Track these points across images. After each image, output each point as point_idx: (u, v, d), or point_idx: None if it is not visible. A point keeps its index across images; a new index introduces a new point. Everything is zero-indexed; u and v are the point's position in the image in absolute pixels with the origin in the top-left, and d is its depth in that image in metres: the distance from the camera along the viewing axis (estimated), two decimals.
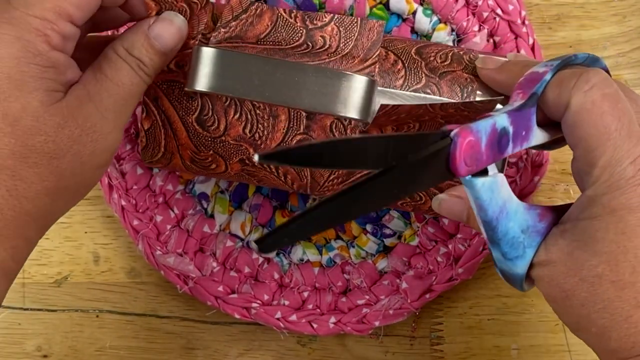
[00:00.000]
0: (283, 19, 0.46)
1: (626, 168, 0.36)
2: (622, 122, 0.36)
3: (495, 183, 0.38)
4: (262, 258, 0.54)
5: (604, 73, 0.37)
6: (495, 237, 0.39)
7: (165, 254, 0.53)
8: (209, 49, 0.41)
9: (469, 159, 0.35)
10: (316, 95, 0.41)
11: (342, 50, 0.46)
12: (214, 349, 0.56)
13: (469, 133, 0.35)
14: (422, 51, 0.47)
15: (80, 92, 0.40)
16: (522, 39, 0.53)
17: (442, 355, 0.56)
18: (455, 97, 0.45)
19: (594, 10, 0.56)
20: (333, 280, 0.54)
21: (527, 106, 0.38)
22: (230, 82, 0.41)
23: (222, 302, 0.53)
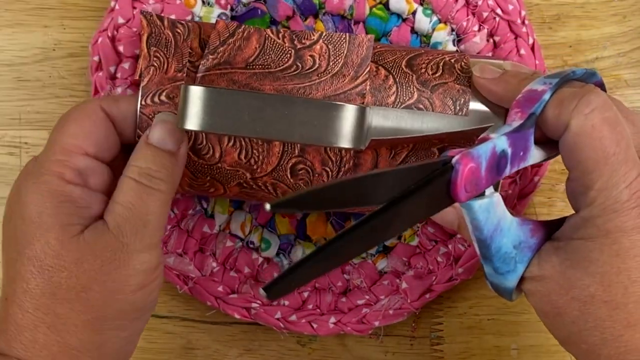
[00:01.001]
0: (271, 41, 0.46)
1: (622, 191, 0.36)
2: (620, 147, 0.36)
3: (491, 204, 0.38)
4: (262, 258, 0.54)
5: (604, 95, 0.37)
6: (488, 253, 0.39)
7: (165, 254, 0.53)
8: (196, 88, 0.40)
9: (469, 185, 0.35)
10: (307, 128, 0.41)
11: (332, 69, 0.45)
12: (214, 349, 0.56)
13: (470, 159, 0.35)
14: (413, 63, 0.46)
15: (98, 224, 0.41)
16: (522, 39, 0.53)
17: (442, 355, 0.56)
18: (448, 111, 0.45)
19: (594, 10, 0.56)
20: (333, 280, 0.54)
21: (526, 127, 0.38)
22: (220, 120, 0.40)
23: (222, 302, 0.53)
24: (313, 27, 0.53)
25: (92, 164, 0.43)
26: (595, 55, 0.56)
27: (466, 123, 0.45)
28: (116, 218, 0.41)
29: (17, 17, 0.55)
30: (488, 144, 0.37)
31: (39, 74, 0.55)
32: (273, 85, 0.45)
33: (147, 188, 0.41)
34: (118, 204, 0.41)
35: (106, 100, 0.45)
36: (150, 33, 0.45)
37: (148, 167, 0.42)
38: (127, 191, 0.41)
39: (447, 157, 0.35)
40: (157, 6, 0.52)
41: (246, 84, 0.45)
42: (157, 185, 0.42)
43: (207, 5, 0.52)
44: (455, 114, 0.45)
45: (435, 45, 0.53)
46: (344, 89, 0.45)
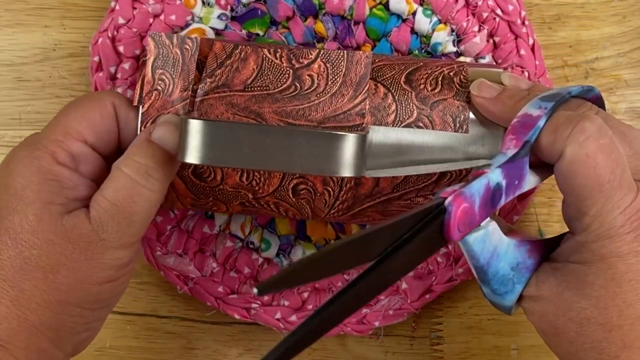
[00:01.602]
0: (268, 61, 0.45)
1: (616, 217, 0.37)
2: (615, 174, 0.36)
3: (486, 234, 0.39)
4: (262, 258, 0.54)
5: (598, 121, 0.37)
6: (485, 278, 0.40)
7: (165, 255, 0.53)
8: (195, 122, 0.40)
9: (462, 225, 0.36)
10: (308, 158, 0.40)
11: (331, 89, 0.45)
12: (214, 349, 0.56)
13: (463, 200, 0.35)
14: (412, 78, 0.46)
15: (81, 212, 0.41)
16: (522, 39, 0.53)
17: (442, 355, 0.56)
18: (448, 128, 0.45)
19: (594, 10, 0.56)
20: (333, 281, 0.54)
21: (520, 155, 0.39)
22: (221, 153, 0.40)
23: (222, 302, 0.53)
24: (313, 28, 0.53)
25: (87, 152, 0.43)
26: (595, 55, 0.56)
27: (466, 139, 0.45)
28: (100, 212, 0.41)
29: (17, 17, 0.55)
30: (482, 179, 0.37)
31: (39, 74, 0.55)
32: (272, 107, 0.45)
33: (140, 186, 0.41)
34: (105, 199, 0.41)
35: (119, 100, 0.45)
36: (158, 55, 0.45)
37: (146, 164, 0.42)
38: (119, 188, 0.41)
39: (439, 199, 0.36)
40: (157, 6, 0.52)
41: (245, 107, 0.45)
42: (152, 184, 0.42)
43: (207, 5, 0.52)
44: (455, 131, 0.45)
45: (435, 45, 0.53)
46: (343, 109, 0.45)
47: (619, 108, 0.56)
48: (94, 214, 0.41)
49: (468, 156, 0.45)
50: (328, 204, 0.47)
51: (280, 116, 0.45)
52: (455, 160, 0.45)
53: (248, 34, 0.53)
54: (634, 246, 0.37)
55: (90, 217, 0.41)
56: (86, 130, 0.43)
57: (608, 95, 0.56)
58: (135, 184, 0.41)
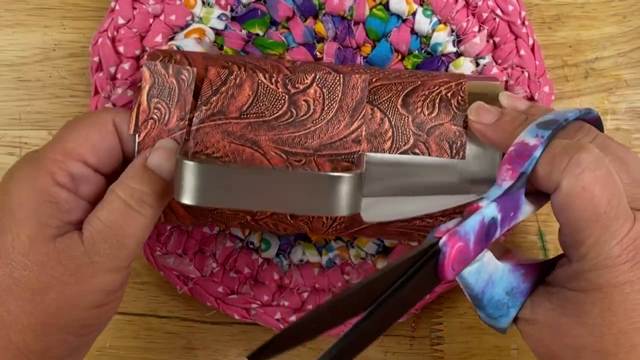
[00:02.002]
0: (264, 87, 0.45)
1: (613, 247, 0.37)
2: (611, 205, 0.36)
3: (481, 266, 0.39)
4: (261, 259, 0.54)
5: (595, 152, 0.37)
6: (480, 304, 0.40)
7: (164, 255, 0.53)
8: (191, 164, 0.39)
9: (457, 264, 0.36)
10: (303, 200, 0.40)
11: (327, 115, 0.45)
12: (214, 349, 0.56)
13: (458, 239, 0.35)
14: (409, 101, 0.45)
15: (74, 233, 0.41)
16: (522, 39, 0.53)
17: (442, 355, 0.56)
18: (444, 154, 0.45)
19: (594, 10, 0.56)
20: (333, 281, 0.54)
21: (516, 187, 0.38)
22: (216, 195, 0.40)
23: (221, 302, 0.53)
24: (313, 28, 0.53)
25: (87, 173, 0.43)
26: (595, 55, 0.56)
27: (463, 165, 0.45)
28: (93, 234, 0.41)
29: (17, 17, 0.55)
30: (476, 216, 0.37)
31: (39, 74, 0.55)
32: (268, 135, 0.44)
33: (134, 211, 0.41)
34: (99, 220, 0.41)
35: (120, 117, 0.44)
36: (153, 84, 0.45)
37: (140, 190, 0.41)
38: (112, 211, 0.41)
39: (434, 240, 0.35)
40: (157, 7, 0.52)
41: (241, 135, 0.44)
42: (145, 210, 0.41)
43: (207, 5, 0.52)
44: (451, 157, 0.45)
45: (435, 46, 0.53)
46: (339, 136, 0.45)
47: (619, 108, 0.56)
48: (86, 235, 0.41)
49: (465, 177, 0.45)
50: (326, 225, 0.47)
51: (277, 144, 0.44)
52: (452, 182, 0.45)
53: (248, 34, 0.53)
54: (630, 276, 0.37)
55: (82, 239, 0.41)
56: (86, 151, 0.43)
57: (608, 95, 0.56)
58: (128, 209, 0.41)
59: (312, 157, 0.44)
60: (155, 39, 0.52)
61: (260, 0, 0.53)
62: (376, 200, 0.44)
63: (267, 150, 0.44)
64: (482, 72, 0.53)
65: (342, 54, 0.53)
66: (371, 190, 0.45)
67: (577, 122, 0.41)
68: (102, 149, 0.43)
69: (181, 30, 0.53)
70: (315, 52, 0.53)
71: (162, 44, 0.52)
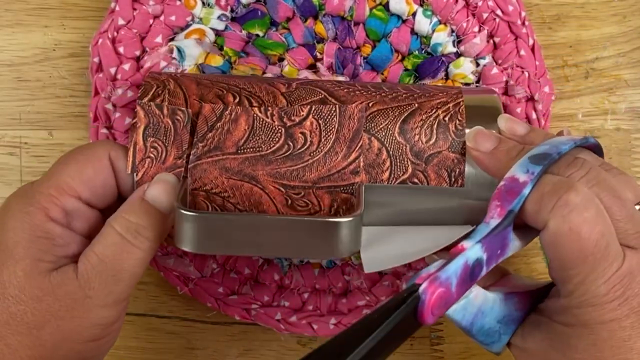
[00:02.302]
0: (260, 120, 0.45)
1: (600, 287, 0.37)
2: (599, 246, 0.37)
3: (467, 302, 0.39)
4: (262, 259, 0.54)
5: (584, 192, 0.37)
6: (470, 334, 0.41)
7: (165, 255, 0.53)
8: (188, 215, 0.40)
9: (437, 309, 0.36)
10: (303, 245, 0.40)
11: (324, 147, 0.44)
12: (214, 349, 0.56)
13: (438, 285, 0.35)
14: (406, 128, 0.45)
15: (69, 268, 0.41)
16: (522, 39, 0.53)
17: (442, 355, 0.56)
18: (443, 183, 0.44)
19: (594, 10, 0.56)
20: (333, 281, 0.54)
21: (503, 226, 0.39)
22: (216, 243, 0.40)
23: (222, 303, 0.53)
24: (313, 28, 0.53)
25: (81, 208, 0.43)
26: (595, 55, 0.56)
27: (461, 193, 0.45)
28: (87, 268, 0.41)
29: (17, 17, 0.55)
30: (459, 260, 0.37)
31: (39, 74, 0.55)
32: (266, 169, 0.44)
33: (130, 245, 0.41)
34: (94, 254, 0.41)
35: (115, 151, 0.44)
36: (148, 124, 0.44)
37: (137, 223, 0.41)
38: (108, 244, 0.41)
39: (414, 286, 0.35)
40: (157, 7, 0.52)
41: (239, 171, 0.44)
42: (141, 243, 0.41)
43: (207, 6, 0.52)
44: (450, 185, 0.45)
45: (435, 46, 0.53)
46: (337, 168, 0.44)
47: (619, 108, 0.56)
48: (81, 270, 0.41)
49: (464, 202, 0.45)
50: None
51: (275, 178, 0.44)
52: (452, 207, 0.45)
53: (248, 34, 0.53)
54: (617, 314, 0.37)
55: (77, 273, 0.41)
56: (80, 186, 0.42)
57: (608, 95, 0.56)
58: (124, 242, 0.41)
59: (311, 190, 0.44)
60: (155, 40, 0.52)
61: (261, 1, 0.53)
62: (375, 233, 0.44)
63: (266, 185, 0.44)
64: (482, 72, 0.53)
65: (342, 55, 0.53)
66: (370, 217, 0.45)
67: (573, 151, 0.41)
68: (97, 184, 0.43)
69: (181, 31, 0.53)
70: (315, 52, 0.53)
71: (162, 44, 0.52)
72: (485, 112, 0.45)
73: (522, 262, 0.56)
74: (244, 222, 0.40)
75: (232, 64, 0.53)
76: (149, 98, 0.45)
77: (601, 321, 0.37)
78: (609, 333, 0.37)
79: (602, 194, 0.38)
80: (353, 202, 0.44)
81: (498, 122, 0.45)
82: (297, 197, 0.44)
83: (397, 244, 0.44)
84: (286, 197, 0.44)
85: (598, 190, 0.38)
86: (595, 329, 0.37)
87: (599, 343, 0.37)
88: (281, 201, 0.44)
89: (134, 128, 0.45)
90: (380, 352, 0.33)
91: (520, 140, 0.44)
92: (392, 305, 0.34)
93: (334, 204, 0.44)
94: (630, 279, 0.37)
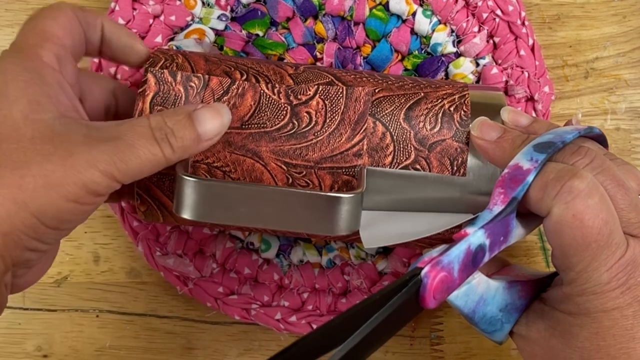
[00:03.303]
0: (266, 97, 0.44)
1: (602, 275, 0.37)
2: (602, 233, 0.36)
3: (470, 289, 0.39)
4: (261, 259, 0.54)
5: (588, 178, 0.37)
6: (472, 321, 0.41)
7: (164, 255, 0.53)
8: (190, 181, 0.39)
9: (439, 293, 0.36)
10: (302, 219, 0.40)
11: (329, 127, 0.44)
12: (214, 349, 0.56)
13: (440, 270, 0.35)
14: (411, 114, 0.45)
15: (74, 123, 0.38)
16: (522, 39, 0.53)
17: (442, 355, 0.56)
18: (445, 171, 0.44)
19: (594, 10, 0.56)
20: (333, 281, 0.54)
21: (506, 212, 0.38)
22: (217, 211, 0.40)
23: (222, 303, 0.53)
24: (313, 28, 0.53)
25: (67, 56, 0.41)
26: (595, 55, 0.56)
27: (464, 181, 0.45)
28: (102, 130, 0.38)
29: (17, 17, 0.55)
30: (462, 244, 0.37)
31: None
32: (269, 146, 0.44)
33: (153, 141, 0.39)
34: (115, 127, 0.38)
35: (75, 8, 0.42)
36: (157, 91, 0.44)
37: (172, 129, 0.39)
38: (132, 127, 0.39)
39: (416, 269, 0.35)
40: (157, 7, 0.52)
41: (242, 146, 0.44)
42: (164, 147, 0.39)
43: (207, 6, 0.52)
44: (452, 174, 0.45)
45: (435, 46, 0.53)
46: (340, 150, 0.44)
47: (619, 108, 0.56)
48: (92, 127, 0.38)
49: (466, 191, 0.45)
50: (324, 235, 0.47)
51: (278, 155, 0.44)
52: (453, 196, 0.45)
53: (248, 34, 0.53)
54: (620, 302, 0.37)
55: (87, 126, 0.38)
56: (63, 33, 0.40)
57: (608, 95, 0.56)
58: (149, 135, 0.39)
59: (313, 170, 0.44)
60: (155, 40, 0.52)
61: (260, 1, 0.53)
62: (375, 216, 0.44)
63: (268, 162, 0.44)
64: (482, 72, 0.54)
65: (342, 55, 0.53)
66: (370, 202, 0.45)
67: (578, 140, 0.41)
68: (73, 31, 0.41)
69: (181, 31, 0.53)
70: (315, 52, 0.53)
71: (162, 44, 0.52)
72: (490, 108, 0.45)
73: (522, 262, 0.56)
74: (246, 192, 0.40)
75: None
76: (157, 69, 0.44)
77: (603, 309, 0.37)
78: (611, 321, 0.37)
79: (606, 182, 0.38)
80: (354, 184, 0.44)
81: (501, 114, 0.45)
82: (298, 176, 0.44)
83: (396, 225, 0.44)
84: (288, 175, 0.44)
85: (602, 178, 0.38)
86: (598, 317, 0.37)
87: (601, 331, 0.37)
88: (282, 179, 0.44)
89: (140, 96, 0.44)
90: (381, 334, 0.33)
91: (523, 130, 0.44)
92: (394, 288, 0.34)
93: (334, 185, 0.44)
94: (633, 267, 0.37)
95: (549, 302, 0.40)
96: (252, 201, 0.40)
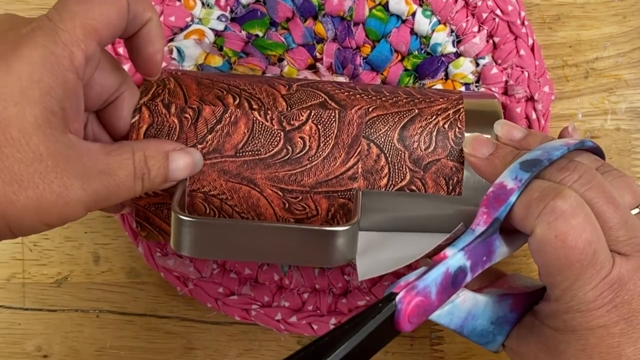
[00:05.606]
0: (259, 124, 0.44)
1: (587, 293, 0.37)
2: (585, 253, 0.36)
3: (454, 307, 0.39)
4: None
5: (572, 198, 0.37)
6: (462, 335, 0.41)
7: (164, 256, 0.53)
8: (186, 220, 0.39)
9: (415, 317, 0.36)
10: (299, 253, 0.40)
11: (323, 152, 0.44)
12: (214, 349, 0.56)
13: (415, 295, 0.36)
14: (405, 134, 0.45)
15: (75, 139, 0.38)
16: (522, 39, 0.53)
17: (442, 355, 0.56)
18: (441, 191, 0.44)
19: (594, 10, 0.56)
20: (333, 281, 0.54)
21: (488, 233, 0.39)
22: (214, 249, 0.40)
23: (222, 303, 0.53)
24: (312, 29, 0.53)
25: (97, 54, 0.39)
26: (595, 55, 0.56)
27: (459, 201, 0.45)
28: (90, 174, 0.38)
29: None
30: (440, 267, 0.37)
31: None
32: (264, 173, 0.44)
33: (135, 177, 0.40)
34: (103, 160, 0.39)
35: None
36: (151, 124, 0.44)
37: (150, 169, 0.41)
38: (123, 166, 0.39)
39: (390, 295, 0.36)
40: (156, 8, 0.52)
41: (237, 174, 0.44)
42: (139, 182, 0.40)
43: (207, 7, 0.52)
44: (448, 194, 0.44)
45: (434, 46, 0.53)
46: (335, 174, 0.44)
47: (619, 108, 0.56)
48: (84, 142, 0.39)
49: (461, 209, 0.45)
50: None
51: (273, 182, 0.44)
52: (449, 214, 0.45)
53: (248, 35, 0.53)
54: (606, 320, 0.37)
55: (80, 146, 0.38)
56: (104, 29, 0.38)
57: (608, 95, 0.56)
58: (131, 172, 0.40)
59: (309, 194, 0.44)
60: None
61: (260, 1, 0.53)
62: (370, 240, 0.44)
63: (264, 188, 0.44)
64: (482, 72, 0.53)
65: (342, 55, 0.53)
66: (367, 222, 0.45)
67: (570, 154, 0.41)
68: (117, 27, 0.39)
69: (181, 32, 0.53)
70: (315, 52, 0.53)
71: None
72: (485, 116, 0.45)
73: (522, 262, 0.56)
74: (242, 229, 0.40)
75: (231, 65, 0.53)
76: (149, 97, 0.45)
77: (589, 327, 0.37)
78: (597, 339, 0.37)
79: (595, 198, 0.38)
80: (350, 207, 0.44)
81: (494, 128, 0.45)
82: (294, 201, 0.44)
83: (391, 249, 0.44)
84: (284, 200, 0.44)
85: (591, 194, 0.38)
86: (584, 335, 0.37)
87: (587, 349, 0.37)
88: (279, 205, 0.44)
89: (134, 128, 0.44)
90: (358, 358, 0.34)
91: (517, 144, 0.43)
92: (368, 314, 0.34)
93: (331, 208, 0.44)
94: (620, 285, 0.37)
95: (539, 316, 0.40)
96: (248, 237, 0.40)
